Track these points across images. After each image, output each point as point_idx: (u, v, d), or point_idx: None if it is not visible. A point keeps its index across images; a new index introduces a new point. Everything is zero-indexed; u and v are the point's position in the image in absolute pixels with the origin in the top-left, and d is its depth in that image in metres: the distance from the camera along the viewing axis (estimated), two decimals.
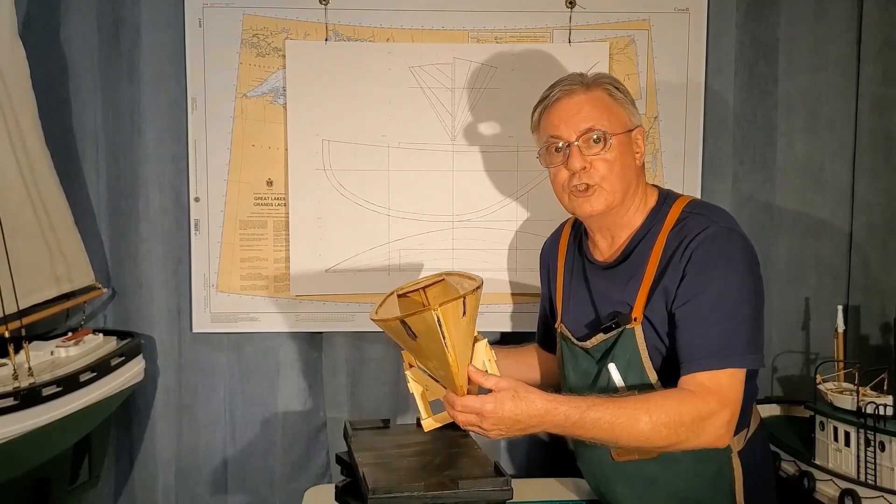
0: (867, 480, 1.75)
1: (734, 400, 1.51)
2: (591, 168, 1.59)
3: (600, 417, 1.45)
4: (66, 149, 2.17)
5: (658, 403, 1.47)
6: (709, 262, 1.53)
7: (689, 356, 1.53)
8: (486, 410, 1.43)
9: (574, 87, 1.61)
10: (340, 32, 2.16)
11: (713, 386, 1.49)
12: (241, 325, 2.22)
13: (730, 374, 1.51)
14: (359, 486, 1.51)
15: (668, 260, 1.57)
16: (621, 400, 1.49)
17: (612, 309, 1.65)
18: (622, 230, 1.67)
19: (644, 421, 1.45)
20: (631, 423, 1.45)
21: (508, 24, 2.17)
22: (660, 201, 1.67)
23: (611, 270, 1.67)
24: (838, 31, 2.23)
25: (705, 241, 1.54)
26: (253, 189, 2.19)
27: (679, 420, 1.46)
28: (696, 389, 1.49)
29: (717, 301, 1.52)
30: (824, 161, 2.26)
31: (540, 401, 1.45)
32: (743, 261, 1.55)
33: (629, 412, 1.46)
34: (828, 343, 2.07)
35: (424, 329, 1.40)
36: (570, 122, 1.60)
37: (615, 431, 1.45)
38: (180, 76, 2.16)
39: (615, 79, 1.66)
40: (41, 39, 2.12)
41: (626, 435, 1.46)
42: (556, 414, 1.44)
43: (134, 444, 2.28)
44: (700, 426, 1.47)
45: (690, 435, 1.47)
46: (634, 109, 1.65)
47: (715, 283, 1.52)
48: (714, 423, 1.48)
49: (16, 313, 1.84)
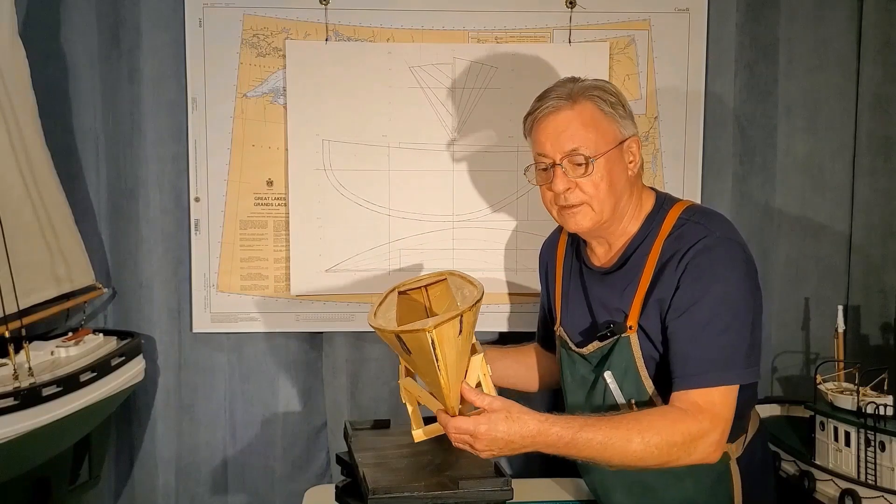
0: (867, 480, 1.75)
1: (727, 418, 1.49)
2: (575, 188, 1.57)
3: (592, 438, 1.43)
4: (66, 149, 2.17)
5: (650, 424, 1.46)
6: (705, 274, 1.50)
7: (682, 371, 1.51)
8: (479, 432, 1.41)
9: (560, 104, 1.56)
10: (340, 32, 2.16)
11: (706, 405, 1.48)
12: (241, 325, 2.22)
13: (723, 392, 1.49)
14: (359, 486, 1.51)
15: (662, 268, 1.55)
16: (614, 420, 1.47)
17: (608, 316, 1.63)
18: (618, 238, 1.65)
19: (636, 442, 1.44)
20: (623, 444, 1.44)
21: (508, 24, 2.17)
22: (656, 206, 1.64)
23: (608, 277, 1.66)
24: (838, 31, 2.23)
25: (702, 252, 1.51)
26: (253, 189, 2.19)
27: (671, 441, 1.45)
28: (689, 408, 1.48)
29: (712, 314, 1.49)
30: (824, 161, 2.26)
31: (533, 422, 1.43)
32: (740, 272, 1.52)
33: (621, 433, 1.44)
34: (828, 343, 2.07)
35: (418, 347, 1.38)
36: (555, 142, 1.56)
37: (607, 452, 1.44)
38: (180, 76, 2.16)
39: (607, 87, 1.60)
40: (41, 39, 2.12)
41: (618, 455, 1.45)
42: (549, 435, 1.43)
43: (134, 444, 2.29)
44: (691, 446, 1.46)
45: (682, 454, 1.46)
46: (627, 120, 1.60)
47: (711, 296, 1.49)
48: (705, 442, 1.47)
49: (16, 313, 1.84)
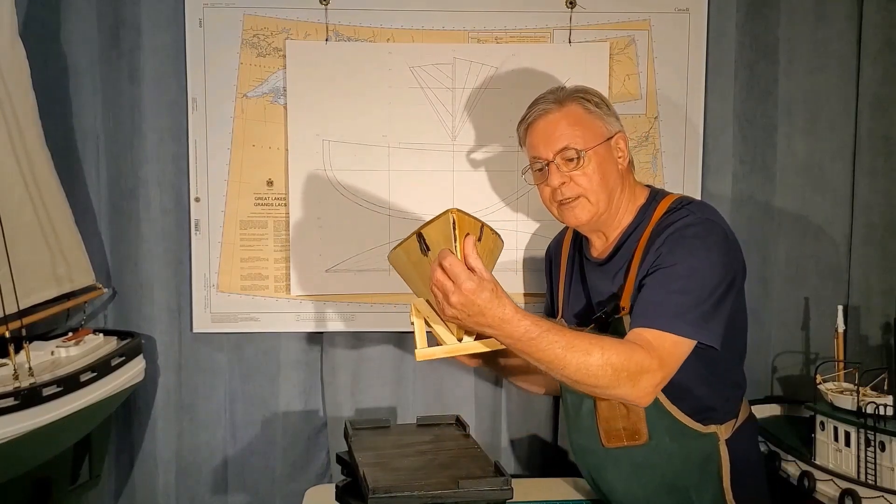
0: (867, 480, 1.75)
1: (673, 365, 1.54)
2: (570, 182, 1.68)
3: (556, 341, 1.46)
4: (66, 149, 2.17)
5: (612, 344, 1.50)
6: (681, 242, 1.59)
7: (642, 313, 1.57)
8: (463, 287, 1.40)
9: (549, 107, 1.70)
10: (340, 32, 2.16)
11: (658, 345, 1.52)
12: (241, 325, 2.22)
13: (675, 341, 1.53)
14: (359, 486, 1.51)
15: (649, 249, 1.64)
16: (579, 333, 1.53)
17: (604, 301, 1.72)
18: (613, 230, 1.75)
19: (596, 356, 1.47)
20: (583, 355, 1.47)
21: (509, 24, 2.17)
22: (649, 199, 1.75)
23: (603, 266, 1.75)
24: (838, 31, 2.22)
25: (681, 228, 1.61)
26: (253, 189, 2.19)
27: (625, 365, 1.48)
28: (643, 345, 1.52)
29: (681, 275, 1.57)
30: (824, 161, 2.26)
31: (510, 308, 1.45)
32: (716, 246, 1.60)
33: (584, 344, 1.48)
34: (828, 343, 2.07)
35: (437, 239, 1.44)
36: (547, 142, 1.69)
37: (566, 359, 1.46)
38: (181, 76, 2.16)
39: (589, 90, 1.74)
40: (41, 39, 2.12)
41: (574, 364, 1.47)
42: (518, 326, 1.45)
43: (134, 444, 2.28)
44: (637, 377, 1.50)
45: (627, 383, 1.49)
46: (612, 118, 1.73)
47: (682, 265, 1.57)
48: (649, 379, 1.51)
49: (16, 313, 1.84)
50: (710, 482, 1.68)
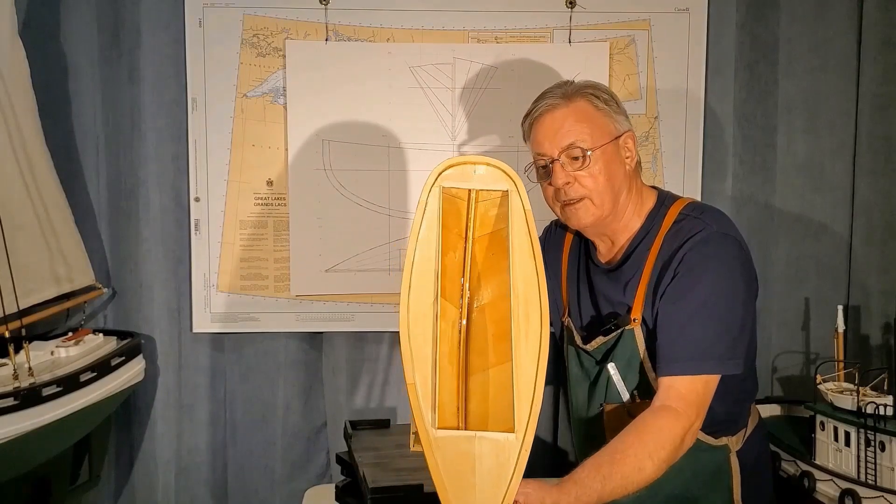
0: (867, 480, 1.75)
1: (706, 404, 1.52)
2: (575, 183, 1.59)
3: (608, 477, 1.41)
4: (66, 149, 2.17)
5: (652, 438, 1.45)
6: (699, 265, 1.53)
7: (667, 356, 1.53)
8: None
9: (556, 102, 1.60)
10: (340, 32, 2.16)
11: (691, 395, 1.49)
12: (241, 325, 2.22)
13: (706, 381, 1.51)
14: (359, 486, 1.51)
15: (663, 263, 1.58)
16: (614, 451, 1.45)
17: (612, 310, 1.66)
18: (621, 234, 1.67)
19: (649, 466, 1.43)
20: (638, 473, 1.43)
21: (509, 24, 2.17)
22: (658, 203, 1.66)
23: (612, 273, 1.68)
24: (838, 31, 2.23)
25: (698, 244, 1.54)
26: (253, 189, 2.19)
27: (674, 446, 1.46)
28: (674, 402, 1.49)
29: (702, 304, 1.52)
30: (824, 161, 2.26)
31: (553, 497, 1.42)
32: (734, 265, 1.55)
33: (631, 461, 1.43)
34: (828, 343, 2.07)
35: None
36: (552, 139, 1.59)
37: (627, 485, 1.42)
38: (180, 76, 2.16)
39: (599, 86, 1.65)
40: (41, 39, 2.12)
41: (636, 483, 1.43)
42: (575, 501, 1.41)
43: (134, 444, 2.28)
44: (685, 443, 1.48)
45: (680, 452, 1.48)
46: (621, 116, 1.63)
47: (703, 286, 1.52)
48: (692, 435, 1.50)
49: (16, 313, 1.84)
50: (720, 493, 1.64)
